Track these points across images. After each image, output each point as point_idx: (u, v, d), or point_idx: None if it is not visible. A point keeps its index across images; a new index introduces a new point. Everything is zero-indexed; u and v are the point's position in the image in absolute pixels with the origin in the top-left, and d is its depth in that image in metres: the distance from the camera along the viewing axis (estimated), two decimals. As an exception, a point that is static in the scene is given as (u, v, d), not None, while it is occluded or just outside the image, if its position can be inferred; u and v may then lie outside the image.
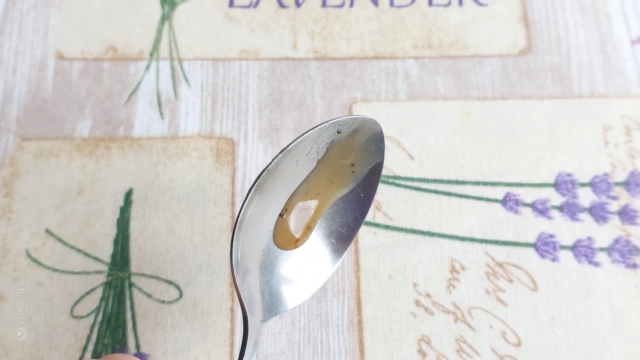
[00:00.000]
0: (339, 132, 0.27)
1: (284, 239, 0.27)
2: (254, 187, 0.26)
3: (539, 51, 0.37)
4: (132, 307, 0.31)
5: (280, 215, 0.27)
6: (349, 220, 0.28)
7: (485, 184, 0.34)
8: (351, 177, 0.28)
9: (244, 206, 0.26)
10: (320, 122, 0.27)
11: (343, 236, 0.28)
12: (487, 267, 0.32)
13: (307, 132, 0.27)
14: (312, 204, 0.28)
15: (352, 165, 0.28)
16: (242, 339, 0.25)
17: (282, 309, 0.27)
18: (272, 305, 0.26)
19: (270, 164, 0.26)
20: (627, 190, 0.34)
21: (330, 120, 0.27)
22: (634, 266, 0.32)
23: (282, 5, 0.38)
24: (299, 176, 0.27)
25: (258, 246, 0.27)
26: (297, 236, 0.27)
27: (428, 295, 0.32)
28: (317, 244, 0.28)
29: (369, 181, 0.28)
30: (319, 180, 0.28)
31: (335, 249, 0.28)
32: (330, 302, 0.31)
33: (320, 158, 0.27)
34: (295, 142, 0.26)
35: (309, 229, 0.28)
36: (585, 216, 0.33)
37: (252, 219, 0.26)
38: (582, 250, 0.33)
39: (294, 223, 0.27)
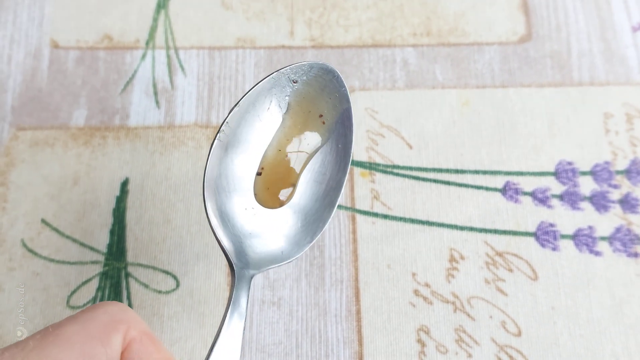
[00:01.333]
0: (294, 82, 0.27)
1: (266, 197, 0.27)
2: (213, 144, 0.25)
3: (538, 38, 0.36)
4: (128, 298, 0.31)
5: (258, 174, 0.27)
6: (333, 172, 0.27)
7: (484, 172, 0.34)
8: (324, 129, 0.27)
9: (207, 165, 0.25)
10: (263, 78, 0.27)
11: (331, 189, 0.27)
12: (487, 256, 0.32)
13: (255, 85, 0.26)
14: (289, 159, 0.27)
15: (321, 116, 0.27)
16: (230, 290, 0.25)
17: (276, 263, 0.26)
18: (264, 260, 0.26)
19: (225, 119, 0.26)
20: (629, 179, 0.33)
21: (278, 70, 0.26)
22: (636, 255, 0.32)
23: (279, -7, 0.38)
24: (268, 132, 0.27)
25: (240, 205, 0.26)
26: (280, 194, 0.27)
27: (427, 285, 0.31)
28: (304, 200, 0.27)
29: (342, 130, 0.27)
30: (290, 135, 0.27)
31: (325, 203, 0.27)
32: (329, 291, 0.31)
33: (285, 112, 0.27)
34: (246, 96, 0.26)
35: (292, 185, 0.27)
36: (586, 205, 0.33)
37: (225, 178, 0.26)
38: (583, 240, 0.32)
39: (275, 180, 0.27)
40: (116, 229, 0.32)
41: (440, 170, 0.34)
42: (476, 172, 0.34)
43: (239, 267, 0.25)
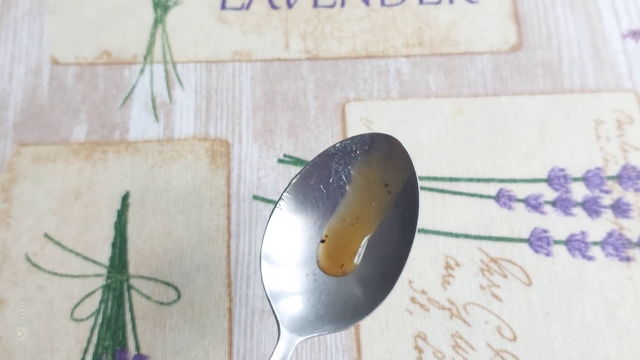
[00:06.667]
0: (356, 152, 0.27)
1: (329, 264, 0.27)
2: (273, 212, 0.26)
3: (529, 47, 0.37)
4: (131, 309, 0.32)
5: (322, 241, 0.27)
6: (398, 243, 0.27)
7: (478, 180, 0.34)
8: (389, 198, 0.27)
9: (266, 232, 0.26)
10: (324, 150, 0.27)
11: (393, 263, 0.26)
12: (482, 263, 0.32)
13: (316, 157, 0.27)
14: (354, 229, 0.27)
15: (386, 185, 0.27)
16: (273, 350, 0.25)
17: (329, 331, 0.26)
18: (315, 327, 0.26)
19: (285, 189, 0.26)
20: (620, 184, 0.34)
21: (336, 145, 0.27)
22: (628, 259, 0.33)
23: (273, 7, 0.38)
24: (332, 202, 0.27)
25: (301, 271, 0.27)
26: (343, 262, 0.27)
27: (423, 292, 0.32)
28: (367, 270, 0.27)
29: (409, 199, 0.26)
30: (355, 204, 0.27)
31: (386, 276, 0.26)
32: (327, 300, 0.32)
33: (348, 183, 0.27)
34: (307, 167, 0.26)
35: (354, 254, 0.27)
36: (578, 210, 0.34)
37: (286, 243, 0.26)
38: (576, 245, 0.33)
39: (338, 249, 0.27)
40: (118, 242, 0.33)
41: (434, 179, 0.34)
42: (470, 179, 0.34)
43: (288, 331, 0.25)
